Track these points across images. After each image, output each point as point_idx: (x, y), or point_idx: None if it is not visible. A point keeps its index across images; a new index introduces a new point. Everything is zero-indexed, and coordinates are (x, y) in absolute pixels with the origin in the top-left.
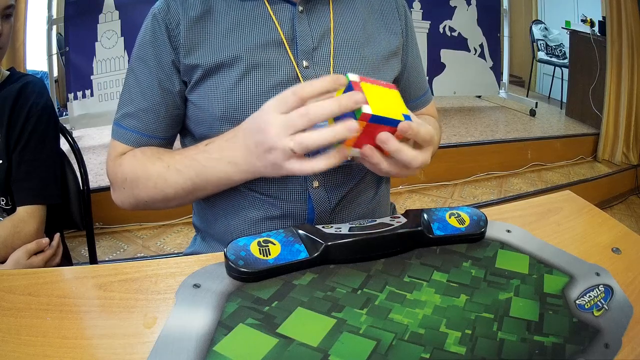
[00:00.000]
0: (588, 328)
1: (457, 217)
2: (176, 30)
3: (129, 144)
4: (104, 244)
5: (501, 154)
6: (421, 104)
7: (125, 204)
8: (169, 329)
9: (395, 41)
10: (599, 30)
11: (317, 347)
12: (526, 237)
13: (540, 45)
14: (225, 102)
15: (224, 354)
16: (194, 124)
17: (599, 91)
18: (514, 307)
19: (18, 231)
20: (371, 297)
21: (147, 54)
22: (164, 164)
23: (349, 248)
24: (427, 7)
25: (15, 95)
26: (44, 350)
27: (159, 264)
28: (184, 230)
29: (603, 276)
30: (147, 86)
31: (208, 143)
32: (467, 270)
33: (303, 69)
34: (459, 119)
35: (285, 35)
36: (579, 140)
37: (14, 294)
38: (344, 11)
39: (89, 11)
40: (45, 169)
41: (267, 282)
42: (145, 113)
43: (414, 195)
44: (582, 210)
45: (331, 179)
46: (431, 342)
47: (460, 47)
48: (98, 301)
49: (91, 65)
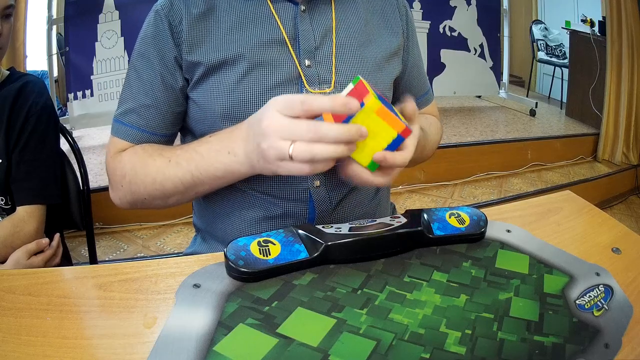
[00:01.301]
0: (588, 328)
1: (457, 217)
2: (179, 26)
3: (129, 140)
4: (104, 244)
5: (501, 154)
6: (422, 103)
7: (123, 201)
8: (169, 329)
9: (396, 41)
10: (599, 30)
11: (317, 347)
12: (526, 237)
13: (540, 45)
14: (227, 101)
15: (224, 354)
16: (195, 122)
17: (599, 91)
18: (514, 307)
19: (18, 231)
20: (371, 297)
21: (150, 50)
22: (165, 159)
23: (349, 248)
24: (427, 7)
25: (15, 95)
26: (44, 350)
27: (159, 264)
28: (184, 230)
29: (603, 276)
30: (149, 82)
31: (212, 135)
32: (467, 270)
33: (305, 68)
34: (459, 119)
35: (287, 34)
36: (579, 140)
37: (14, 294)
38: (345, 10)
39: (89, 11)
40: (45, 169)
41: (267, 282)
42: (146, 109)
43: (414, 195)
44: (582, 210)
45: (332, 178)
46: (431, 342)
47: (460, 47)
48: (98, 301)
49: (91, 65)
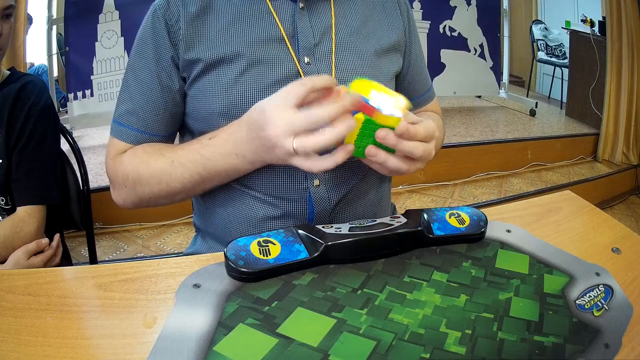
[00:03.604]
0: (588, 328)
1: (457, 217)
2: (176, 25)
3: (128, 141)
4: (104, 244)
5: (501, 154)
6: (424, 100)
7: (127, 202)
8: (169, 329)
9: (395, 36)
10: (599, 30)
11: (317, 347)
12: (526, 237)
13: (540, 45)
14: (225, 98)
15: (224, 354)
16: (193, 120)
17: (599, 91)
18: (514, 307)
19: (18, 231)
20: (371, 297)
21: (147, 51)
22: (167, 159)
23: (349, 248)
24: (427, 7)
25: (15, 95)
26: (44, 350)
27: (159, 264)
28: (184, 230)
29: (603, 276)
30: (147, 83)
31: (212, 137)
32: (467, 270)
33: (304, 65)
34: (459, 119)
35: (285, 31)
36: (579, 140)
37: (14, 294)
38: (344, 7)
39: (89, 11)
40: (45, 169)
41: (267, 282)
42: (144, 110)
43: (414, 195)
44: (582, 210)
45: (332, 177)
46: (431, 342)
47: (460, 47)
48: (98, 301)
49: (91, 65)
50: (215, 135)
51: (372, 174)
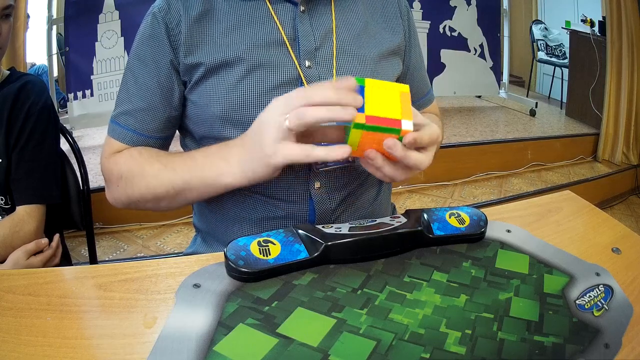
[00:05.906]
0: (588, 328)
1: (457, 217)
2: (176, 29)
3: (125, 142)
4: (104, 244)
5: (501, 154)
6: (424, 103)
7: (117, 201)
8: (169, 329)
9: (396, 40)
10: (599, 30)
11: (317, 347)
12: (526, 237)
13: (540, 45)
14: (226, 102)
15: (224, 354)
16: (194, 124)
17: (599, 91)
18: (514, 307)
19: (17, 231)
20: (371, 297)
21: (146, 53)
22: (161, 164)
23: (349, 248)
24: (427, 7)
25: (14, 95)
26: (44, 350)
27: (159, 264)
28: (184, 230)
29: (603, 276)
30: (145, 86)
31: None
32: (467, 270)
33: (305, 69)
34: (459, 119)
35: (287, 35)
36: (579, 140)
37: (14, 294)
38: (345, 11)
39: (89, 11)
40: (45, 169)
41: (267, 282)
42: (142, 112)
43: (414, 195)
44: (582, 210)
45: (333, 180)
46: (431, 342)
47: (460, 47)
48: (98, 301)
49: (91, 65)
50: (221, 144)
51: (372, 177)
